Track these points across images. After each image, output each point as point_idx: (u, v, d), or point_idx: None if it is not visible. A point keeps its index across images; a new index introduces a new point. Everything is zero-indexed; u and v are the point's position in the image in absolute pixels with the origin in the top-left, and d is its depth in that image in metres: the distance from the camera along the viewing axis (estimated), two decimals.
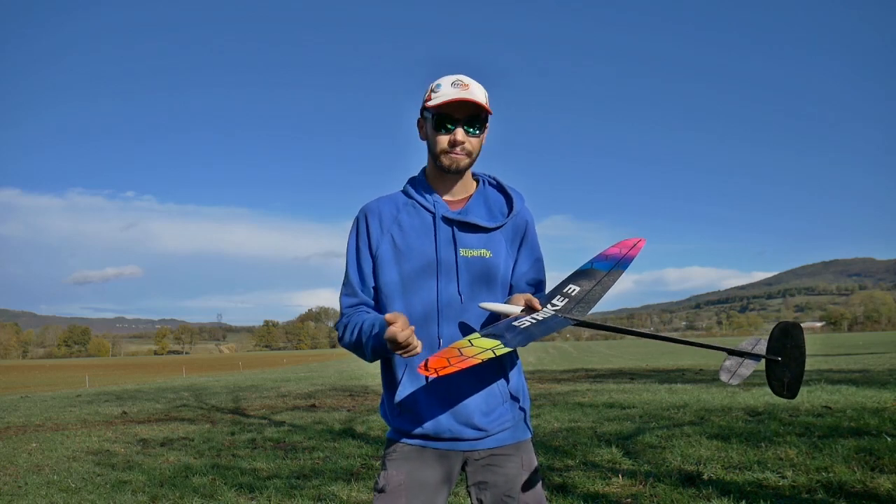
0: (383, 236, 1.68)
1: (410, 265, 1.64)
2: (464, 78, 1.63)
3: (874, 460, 4.38)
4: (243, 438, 7.18)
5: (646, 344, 61.41)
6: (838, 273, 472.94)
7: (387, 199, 1.74)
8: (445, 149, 1.63)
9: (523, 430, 1.73)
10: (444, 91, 1.61)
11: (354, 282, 1.70)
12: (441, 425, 1.62)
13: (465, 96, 1.58)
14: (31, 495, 4.75)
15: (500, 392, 1.66)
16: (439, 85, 1.63)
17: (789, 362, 1.51)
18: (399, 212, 1.70)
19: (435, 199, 1.69)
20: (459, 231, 1.66)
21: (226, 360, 67.10)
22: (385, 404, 1.72)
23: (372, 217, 1.70)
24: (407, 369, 1.64)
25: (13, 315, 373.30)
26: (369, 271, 1.69)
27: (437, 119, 1.61)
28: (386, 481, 1.62)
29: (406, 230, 1.67)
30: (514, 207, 1.73)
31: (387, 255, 1.66)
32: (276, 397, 12.98)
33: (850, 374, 12.20)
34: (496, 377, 1.66)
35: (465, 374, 1.62)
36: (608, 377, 15.19)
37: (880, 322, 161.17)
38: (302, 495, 4.34)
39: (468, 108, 1.61)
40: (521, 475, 1.67)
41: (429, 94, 1.65)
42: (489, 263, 1.66)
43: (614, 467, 4.69)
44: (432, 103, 1.61)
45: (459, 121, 1.61)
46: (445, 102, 1.58)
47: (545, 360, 32.62)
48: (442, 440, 1.63)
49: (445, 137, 1.62)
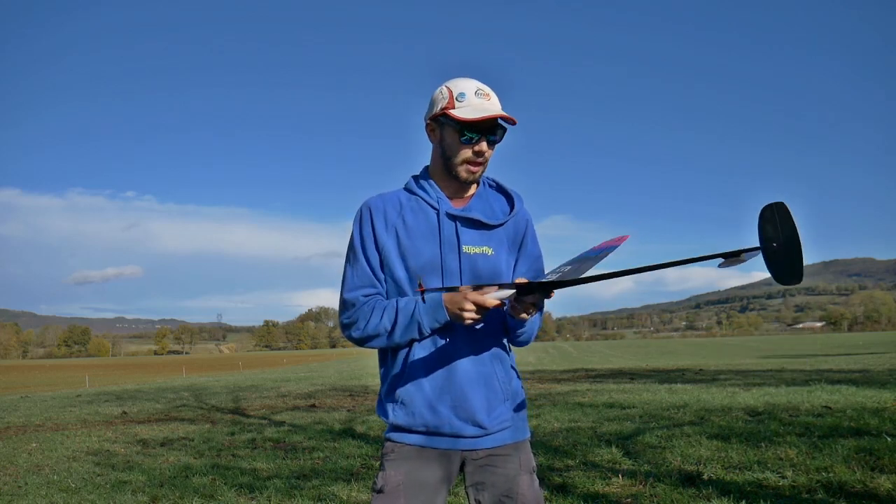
0: (388, 232, 1.67)
1: (415, 261, 1.64)
2: (483, 86, 1.63)
3: (874, 460, 4.38)
4: (243, 438, 7.18)
5: (646, 344, 61.44)
6: (838, 273, 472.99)
7: (390, 196, 1.73)
8: (469, 158, 1.63)
9: (523, 430, 1.73)
10: (472, 102, 1.60)
11: (367, 272, 1.67)
12: (442, 421, 1.61)
13: (496, 110, 1.59)
14: (31, 495, 4.75)
15: (501, 390, 1.66)
16: (463, 94, 1.61)
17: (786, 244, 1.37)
18: (403, 208, 1.69)
19: (439, 195, 1.70)
20: (462, 227, 1.67)
21: (226, 360, 67.10)
22: (383, 400, 1.70)
23: (376, 212, 1.69)
24: (410, 360, 1.63)
25: (13, 315, 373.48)
26: (377, 264, 1.68)
27: (463, 130, 1.61)
28: (384, 482, 1.62)
29: (410, 226, 1.66)
30: (514, 207, 1.75)
31: (392, 252, 1.66)
32: (276, 397, 12.98)
33: (850, 374, 12.20)
34: (498, 375, 1.67)
35: (467, 370, 1.63)
36: (608, 377, 15.19)
37: (880, 322, 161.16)
38: (302, 495, 4.34)
39: (492, 120, 1.61)
40: (519, 475, 1.66)
41: (450, 100, 1.61)
42: (491, 260, 1.67)
43: (614, 467, 4.69)
44: (462, 115, 1.58)
45: (484, 132, 1.62)
46: (482, 119, 1.57)
47: (545, 360, 32.63)
48: (442, 436, 1.63)
49: (469, 149, 1.63)
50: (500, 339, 1.70)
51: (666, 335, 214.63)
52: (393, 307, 1.61)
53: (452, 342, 1.63)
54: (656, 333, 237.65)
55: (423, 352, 1.63)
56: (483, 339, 1.65)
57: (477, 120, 1.57)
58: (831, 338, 69.35)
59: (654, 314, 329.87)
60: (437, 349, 1.63)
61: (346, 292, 1.68)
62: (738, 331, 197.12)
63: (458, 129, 1.61)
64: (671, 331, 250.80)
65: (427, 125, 1.71)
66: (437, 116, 1.65)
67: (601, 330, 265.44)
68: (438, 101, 1.65)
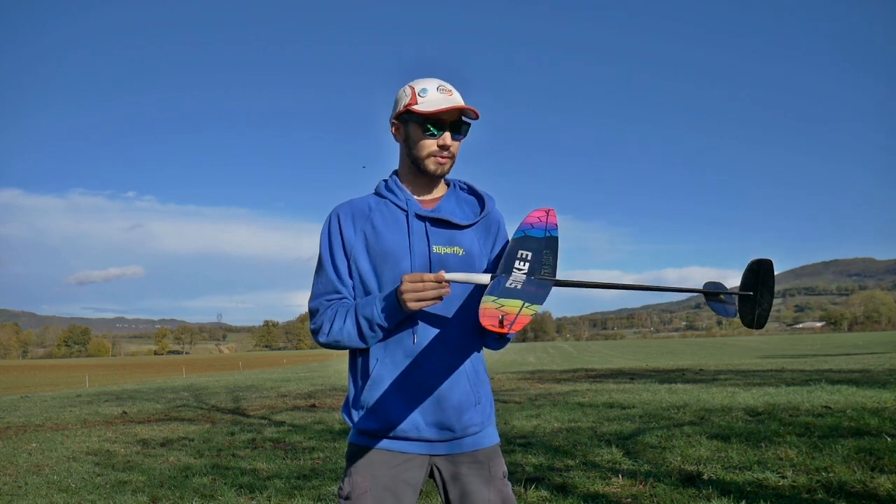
0: (357, 236, 1.66)
1: (385, 263, 1.63)
2: (445, 84, 1.66)
3: (874, 460, 4.38)
4: (243, 438, 7.18)
5: (646, 344, 61.44)
6: (838, 273, 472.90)
7: (359, 201, 1.73)
8: (434, 152, 1.65)
9: (493, 435, 1.71)
10: (433, 97, 1.62)
11: (332, 279, 1.66)
12: (412, 425, 1.59)
13: (457, 103, 1.62)
14: (31, 495, 4.75)
15: (473, 393, 1.64)
16: (425, 90, 1.63)
17: (759, 297, 1.65)
18: (371, 211, 1.69)
19: (408, 197, 1.70)
20: (432, 227, 1.66)
21: (226, 360, 67.11)
22: (350, 402, 1.67)
23: (345, 217, 1.68)
24: (379, 362, 1.61)
25: (13, 315, 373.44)
26: (345, 270, 1.66)
27: (427, 124, 1.63)
28: (351, 488, 1.59)
29: (379, 228, 1.66)
30: (485, 207, 1.75)
31: (361, 255, 1.65)
32: (276, 397, 12.98)
33: (850, 374, 12.20)
34: (469, 378, 1.64)
35: (437, 373, 1.60)
36: (608, 377, 15.19)
37: (880, 322, 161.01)
38: (302, 495, 4.34)
39: (454, 114, 1.64)
40: (490, 481, 1.64)
41: (413, 97, 1.64)
42: (462, 260, 1.66)
43: (614, 467, 4.69)
44: (424, 109, 1.61)
45: (446, 126, 1.64)
46: (443, 110, 1.59)
47: (545, 360, 32.63)
48: (410, 440, 1.61)
49: (433, 141, 1.64)
50: (472, 343, 1.66)
51: (666, 335, 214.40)
52: (353, 306, 1.60)
53: (422, 345, 1.60)
54: (656, 333, 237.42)
55: (392, 354, 1.61)
56: (454, 342, 1.63)
57: (439, 111, 1.60)
58: (831, 338, 69.31)
59: (654, 314, 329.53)
60: (407, 352, 1.60)
61: (311, 301, 1.69)
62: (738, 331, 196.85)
63: (421, 124, 1.63)
64: (671, 331, 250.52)
65: (392, 125, 1.72)
66: (401, 114, 1.67)
67: (601, 330, 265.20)
68: (402, 100, 1.67)
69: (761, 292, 1.64)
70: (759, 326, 1.65)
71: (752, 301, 1.65)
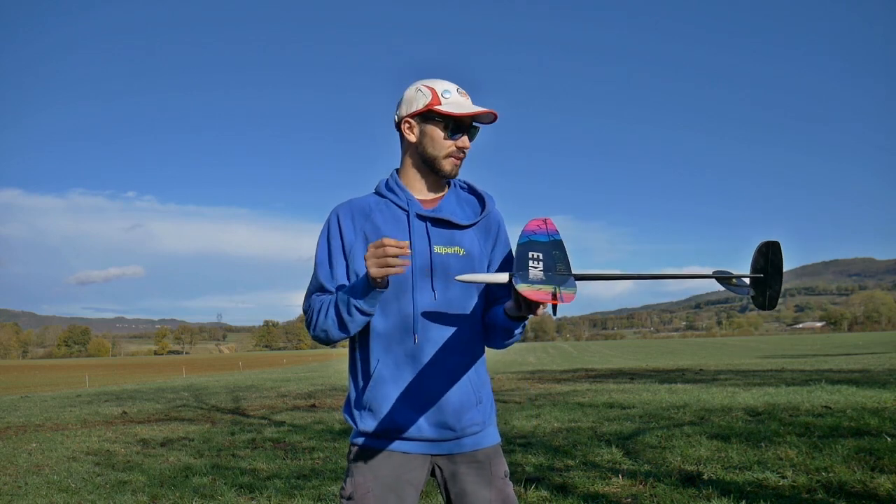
0: (357, 236, 1.66)
1: None
2: (461, 87, 1.69)
3: (874, 460, 4.38)
4: (243, 438, 7.18)
5: (646, 344, 61.45)
6: (838, 273, 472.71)
7: (359, 201, 1.72)
8: (452, 153, 1.66)
9: (494, 435, 1.70)
10: (457, 99, 1.65)
11: (325, 280, 1.65)
12: (413, 424, 1.58)
13: (481, 108, 1.65)
14: (31, 495, 4.75)
15: (474, 393, 1.64)
16: (448, 91, 1.65)
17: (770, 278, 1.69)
18: (372, 211, 1.69)
19: (408, 196, 1.69)
20: (433, 227, 1.66)
21: (226, 360, 67.10)
22: (351, 403, 1.67)
23: (344, 217, 1.68)
24: (380, 362, 1.60)
25: (13, 315, 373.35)
26: (342, 272, 1.65)
27: (450, 125, 1.65)
28: (353, 488, 1.59)
29: (380, 228, 1.65)
30: (486, 207, 1.75)
31: (361, 255, 1.64)
32: (276, 397, 12.98)
33: (850, 374, 12.21)
34: (470, 378, 1.64)
35: (438, 373, 1.60)
36: (608, 377, 15.19)
37: (880, 322, 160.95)
38: (302, 495, 4.34)
39: (471, 118, 1.67)
40: (491, 480, 1.64)
41: (434, 97, 1.64)
42: (463, 260, 1.66)
43: (614, 467, 4.69)
44: (450, 110, 1.62)
45: (466, 129, 1.67)
46: (473, 113, 1.63)
47: (545, 360, 32.63)
48: (411, 440, 1.60)
49: (453, 142, 1.66)
50: (473, 343, 1.66)
51: (666, 335, 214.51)
52: (333, 296, 1.60)
53: (423, 345, 1.60)
54: (656, 333, 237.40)
55: (393, 355, 1.61)
56: (455, 342, 1.62)
57: (467, 115, 1.63)
58: (831, 338, 69.29)
59: (654, 314, 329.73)
60: (408, 352, 1.60)
61: (303, 301, 1.69)
62: (738, 331, 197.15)
63: (444, 125, 1.65)
64: (671, 331, 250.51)
65: (405, 123, 1.70)
66: (420, 113, 1.66)
67: (601, 330, 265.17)
68: (418, 99, 1.66)
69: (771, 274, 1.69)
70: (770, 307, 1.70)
71: (763, 283, 1.70)
